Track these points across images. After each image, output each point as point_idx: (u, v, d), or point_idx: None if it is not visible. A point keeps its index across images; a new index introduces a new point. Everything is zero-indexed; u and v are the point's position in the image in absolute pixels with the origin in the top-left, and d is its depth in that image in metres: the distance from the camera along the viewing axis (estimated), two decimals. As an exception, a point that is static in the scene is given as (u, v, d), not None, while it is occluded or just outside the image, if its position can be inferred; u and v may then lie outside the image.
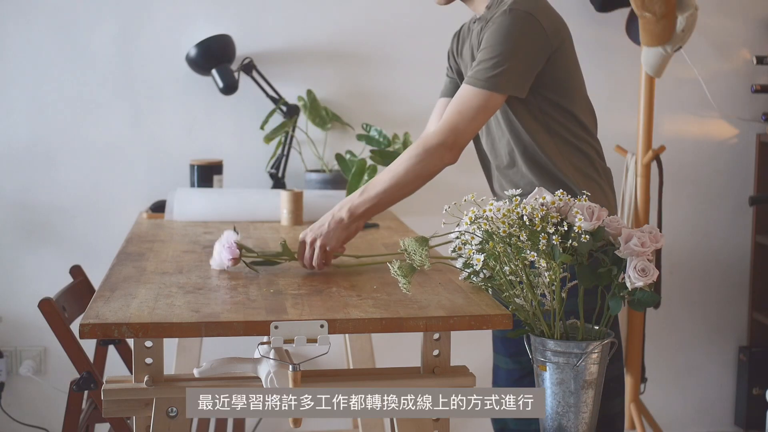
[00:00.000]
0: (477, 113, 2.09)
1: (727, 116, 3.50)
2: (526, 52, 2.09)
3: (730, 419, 3.67)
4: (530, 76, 2.11)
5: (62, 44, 3.19)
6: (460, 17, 3.37)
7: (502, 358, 2.36)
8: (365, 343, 2.82)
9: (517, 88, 2.10)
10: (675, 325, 3.60)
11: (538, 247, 1.65)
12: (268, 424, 3.37)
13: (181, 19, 3.22)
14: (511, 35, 2.08)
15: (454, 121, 2.09)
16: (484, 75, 2.08)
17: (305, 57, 3.28)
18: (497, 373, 2.39)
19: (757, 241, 3.54)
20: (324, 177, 3.16)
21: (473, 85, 2.09)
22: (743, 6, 3.48)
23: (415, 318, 1.70)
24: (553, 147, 2.17)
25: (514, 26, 2.08)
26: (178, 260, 2.18)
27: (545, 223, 1.66)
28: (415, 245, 1.84)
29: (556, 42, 2.14)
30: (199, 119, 3.27)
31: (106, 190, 3.25)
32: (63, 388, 2.84)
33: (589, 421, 1.70)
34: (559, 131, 2.18)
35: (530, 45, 2.09)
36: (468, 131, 2.10)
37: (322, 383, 1.78)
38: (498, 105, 2.10)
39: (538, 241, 1.65)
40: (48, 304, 2.23)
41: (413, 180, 2.09)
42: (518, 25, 2.08)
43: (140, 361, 1.74)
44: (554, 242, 1.64)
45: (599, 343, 1.69)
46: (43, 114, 3.21)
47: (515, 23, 2.08)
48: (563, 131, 2.18)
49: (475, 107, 2.09)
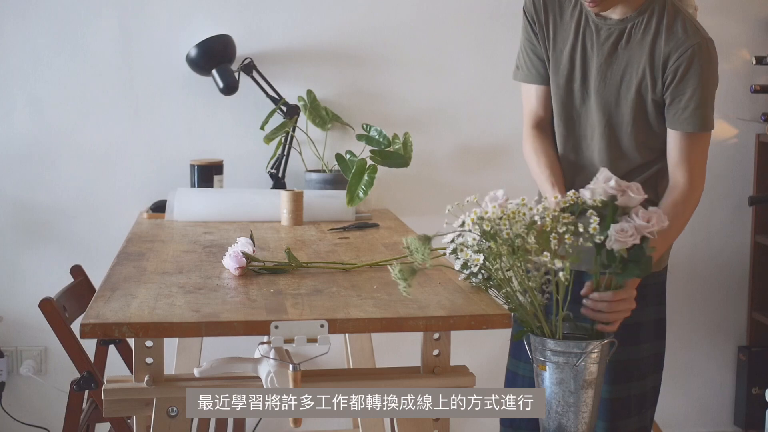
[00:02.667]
0: (707, 154, 2.18)
1: (726, 116, 3.50)
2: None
3: (730, 419, 3.67)
4: None
5: (62, 44, 3.19)
6: (460, 17, 3.37)
7: (523, 364, 2.26)
8: (365, 343, 2.82)
9: None
10: (675, 324, 3.60)
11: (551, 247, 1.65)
12: (268, 424, 3.37)
13: (181, 19, 3.22)
14: (713, 71, 2.10)
15: (700, 172, 2.17)
16: (708, 116, 2.11)
17: (305, 57, 3.28)
18: (513, 379, 2.29)
19: (756, 241, 3.54)
20: (324, 177, 3.16)
21: (703, 129, 2.11)
22: (743, 6, 3.48)
23: (415, 318, 1.70)
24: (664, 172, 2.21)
25: (715, 60, 2.09)
26: (179, 260, 2.18)
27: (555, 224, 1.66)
28: (418, 243, 1.84)
29: None
30: (199, 119, 3.27)
31: (107, 189, 3.25)
32: (63, 387, 2.84)
33: (589, 421, 1.71)
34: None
35: None
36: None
37: (322, 383, 1.78)
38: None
39: (549, 242, 1.65)
40: (49, 304, 2.23)
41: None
42: (716, 59, 2.10)
43: (140, 361, 1.74)
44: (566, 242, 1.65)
45: (599, 342, 1.69)
46: (43, 114, 3.21)
47: (715, 56, 2.09)
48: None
49: (706, 150, 2.17)
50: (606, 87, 2.13)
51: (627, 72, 2.10)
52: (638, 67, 2.09)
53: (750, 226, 3.57)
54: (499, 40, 3.32)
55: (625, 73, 2.11)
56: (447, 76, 3.33)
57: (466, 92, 3.33)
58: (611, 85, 2.12)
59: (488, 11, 3.34)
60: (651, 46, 2.08)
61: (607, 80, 2.12)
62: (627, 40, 2.10)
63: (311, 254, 2.28)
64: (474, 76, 3.34)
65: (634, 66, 2.10)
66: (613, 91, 2.12)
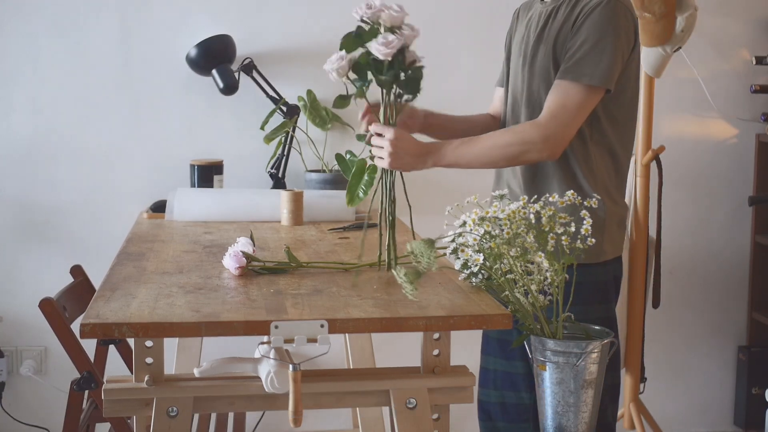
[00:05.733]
0: (578, 108, 2.05)
1: (726, 116, 3.51)
2: (621, 46, 2.07)
3: (730, 419, 3.67)
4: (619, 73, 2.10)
5: (62, 44, 3.19)
6: (459, 17, 3.37)
7: (495, 359, 2.34)
8: (365, 342, 2.82)
9: (612, 83, 2.07)
10: (675, 324, 3.60)
11: (547, 247, 1.65)
12: (268, 424, 3.37)
13: (181, 19, 3.22)
14: (611, 27, 2.04)
15: (555, 118, 2.05)
16: (583, 68, 2.05)
17: (305, 57, 3.28)
18: (486, 376, 2.35)
19: (756, 241, 3.54)
20: (324, 177, 3.16)
21: (572, 79, 2.05)
22: (743, 6, 3.48)
23: (415, 318, 1.70)
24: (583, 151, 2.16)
25: (616, 18, 2.05)
26: (179, 260, 2.18)
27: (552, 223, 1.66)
28: (423, 247, 1.83)
29: (633, 39, 2.13)
30: (199, 119, 3.27)
31: (107, 190, 3.25)
32: (63, 387, 2.84)
33: (589, 421, 1.71)
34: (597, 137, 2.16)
35: (625, 40, 2.07)
36: (569, 129, 2.06)
37: (322, 383, 1.79)
38: (597, 99, 2.07)
39: (546, 242, 1.66)
40: (49, 304, 2.23)
41: (505, 164, 2.13)
42: (619, 18, 2.05)
43: (140, 361, 1.74)
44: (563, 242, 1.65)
45: (599, 342, 1.69)
46: (43, 114, 3.21)
47: (615, 15, 2.05)
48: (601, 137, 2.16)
49: (575, 103, 2.05)
50: (533, 62, 2.19)
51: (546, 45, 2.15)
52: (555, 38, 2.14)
53: (750, 226, 3.57)
54: (499, 40, 3.31)
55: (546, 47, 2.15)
56: (447, 76, 3.33)
57: (466, 92, 3.33)
58: (537, 60, 2.18)
59: (488, 11, 3.34)
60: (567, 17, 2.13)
61: (536, 57, 2.18)
62: (554, 18, 2.16)
63: (311, 254, 2.28)
64: (474, 76, 3.34)
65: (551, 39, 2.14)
66: (537, 64, 2.18)
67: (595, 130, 2.15)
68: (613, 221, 2.20)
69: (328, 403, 1.82)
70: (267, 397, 1.77)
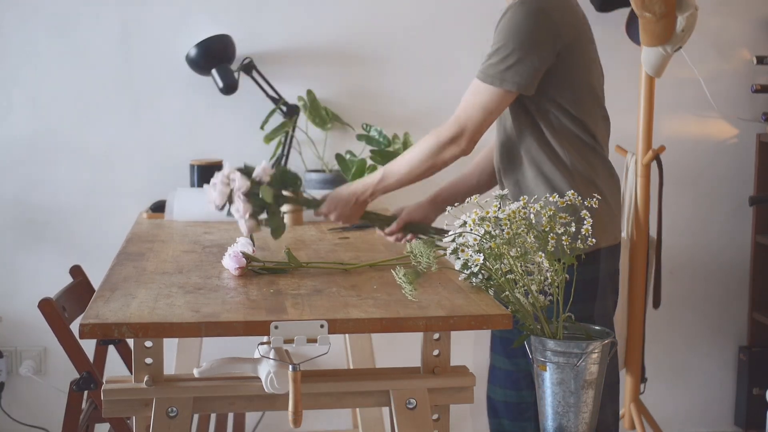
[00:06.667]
0: (486, 109, 2.12)
1: (727, 116, 3.50)
2: (536, 48, 2.07)
3: (730, 419, 3.67)
4: (539, 74, 2.10)
5: (62, 44, 3.18)
6: (459, 17, 3.37)
7: (500, 358, 2.38)
8: (365, 343, 2.82)
9: (524, 86, 2.09)
10: (675, 325, 3.60)
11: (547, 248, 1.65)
12: (268, 425, 3.37)
13: (181, 19, 3.22)
14: (522, 29, 2.07)
15: (464, 116, 2.14)
16: (493, 70, 2.08)
17: (305, 57, 3.28)
18: (494, 373, 2.40)
19: (757, 241, 3.54)
20: (324, 177, 3.16)
21: (482, 80, 2.11)
22: (743, 6, 3.47)
23: (415, 318, 1.70)
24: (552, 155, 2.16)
25: (526, 20, 2.07)
26: (178, 260, 2.18)
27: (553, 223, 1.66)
28: (423, 248, 1.83)
29: (568, 37, 2.12)
30: (199, 119, 3.27)
31: (107, 189, 3.25)
32: (63, 388, 2.84)
33: (590, 421, 1.70)
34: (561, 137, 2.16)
35: (542, 40, 2.08)
36: (479, 126, 2.14)
37: (322, 383, 1.78)
38: (508, 101, 2.12)
39: (547, 242, 1.65)
40: (48, 304, 2.23)
41: (427, 170, 2.22)
42: (531, 19, 2.07)
43: (140, 361, 1.74)
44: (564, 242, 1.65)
45: (599, 342, 1.69)
46: (43, 114, 3.21)
47: (527, 17, 2.07)
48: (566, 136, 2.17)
49: (484, 103, 2.12)
50: None
51: None
52: None
53: (750, 226, 3.57)
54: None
55: None
56: (447, 76, 3.32)
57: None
58: None
59: (488, 11, 3.33)
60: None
61: None
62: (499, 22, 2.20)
63: (311, 254, 2.28)
64: (474, 76, 3.33)
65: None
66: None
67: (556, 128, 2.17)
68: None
69: (328, 403, 1.82)
70: (267, 397, 1.77)
